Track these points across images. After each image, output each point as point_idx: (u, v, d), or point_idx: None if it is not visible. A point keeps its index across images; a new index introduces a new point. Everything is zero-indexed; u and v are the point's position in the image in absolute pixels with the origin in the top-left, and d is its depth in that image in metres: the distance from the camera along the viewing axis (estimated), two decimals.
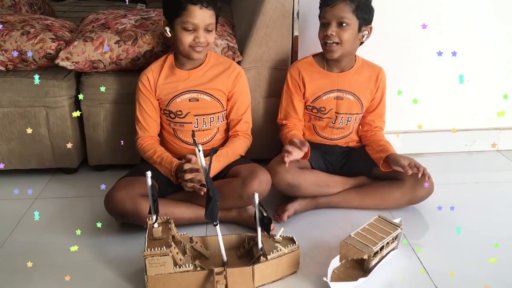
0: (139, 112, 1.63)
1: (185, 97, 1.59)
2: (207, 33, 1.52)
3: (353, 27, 1.58)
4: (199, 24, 1.49)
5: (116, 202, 1.45)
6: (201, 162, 1.19)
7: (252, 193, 1.27)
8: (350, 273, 1.34)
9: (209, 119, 1.62)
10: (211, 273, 1.26)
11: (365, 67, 1.71)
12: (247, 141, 1.68)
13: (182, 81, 1.60)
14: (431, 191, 1.63)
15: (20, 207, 1.70)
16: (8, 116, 1.79)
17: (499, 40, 1.97)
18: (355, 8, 1.55)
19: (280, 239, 1.36)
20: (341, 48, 1.59)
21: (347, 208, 1.66)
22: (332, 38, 1.57)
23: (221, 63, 1.64)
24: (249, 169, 1.53)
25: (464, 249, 1.46)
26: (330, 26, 1.57)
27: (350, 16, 1.56)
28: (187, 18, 1.48)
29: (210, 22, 1.51)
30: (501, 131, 2.13)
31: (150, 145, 1.62)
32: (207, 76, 1.61)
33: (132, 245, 1.46)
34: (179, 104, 1.60)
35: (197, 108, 1.60)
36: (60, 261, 1.42)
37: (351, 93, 1.68)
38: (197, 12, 1.47)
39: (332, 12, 1.56)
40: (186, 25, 1.49)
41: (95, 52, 1.74)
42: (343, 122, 1.71)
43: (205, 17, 1.49)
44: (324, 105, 1.69)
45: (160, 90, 1.60)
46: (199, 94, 1.60)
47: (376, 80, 1.70)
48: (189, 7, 1.47)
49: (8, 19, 1.87)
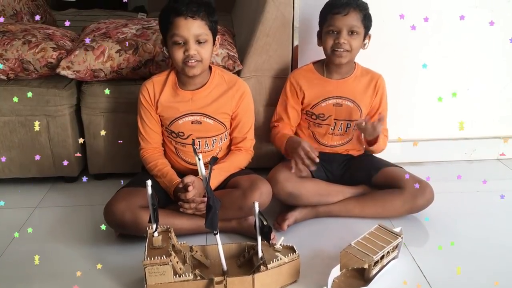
0: (140, 124, 1.61)
1: (187, 119, 1.56)
2: (199, 45, 1.46)
3: (361, 35, 1.61)
4: (187, 36, 1.43)
5: (115, 213, 1.44)
6: (201, 171, 1.19)
7: (252, 205, 1.27)
8: (350, 282, 1.34)
9: (211, 141, 1.60)
10: (211, 282, 1.26)
11: (364, 74, 1.72)
12: (249, 156, 1.67)
13: (185, 102, 1.55)
14: (431, 200, 1.62)
15: (20, 216, 1.69)
16: (9, 124, 1.79)
17: (499, 48, 1.98)
18: (363, 17, 1.59)
19: (280, 248, 1.35)
20: (349, 55, 1.62)
21: (347, 217, 1.66)
22: (344, 46, 1.59)
23: (226, 82, 1.59)
24: (249, 181, 1.52)
25: (464, 258, 1.45)
26: (342, 34, 1.59)
27: (360, 25, 1.59)
28: (174, 31, 1.44)
29: (200, 33, 1.44)
30: (501, 139, 2.13)
31: (152, 156, 1.61)
32: (210, 97, 1.56)
33: (132, 254, 1.45)
34: (181, 126, 1.57)
35: (200, 131, 1.57)
36: (59, 270, 1.42)
37: (350, 100, 1.68)
38: (183, 23, 1.42)
39: (344, 21, 1.58)
40: (174, 38, 1.44)
41: (96, 61, 1.75)
42: (343, 128, 1.71)
43: (192, 28, 1.43)
44: (323, 112, 1.70)
45: (161, 108, 1.57)
46: (202, 117, 1.56)
47: (375, 87, 1.71)
48: (174, 19, 1.43)
49: (10, 28, 1.88)
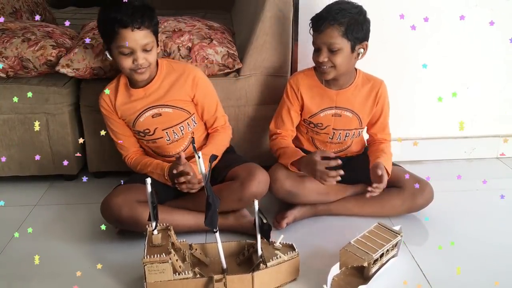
0: (113, 135, 1.61)
1: (147, 114, 1.56)
2: (146, 53, 1.45)
3: (346, 49, 1.50)
4: (135, 47, 1.43)
5: (112, 208, 1.45)
6: (200, 169, 1.19)
7: (251, 195, 1.27)
8: (350, 280, 1.34)
9: (179, 129, 1.59)
10: (210, 280, 1.26)
11: (365, 82, 1.64)
12: (228, 132, 1.67)
13: (140, 99, 1.55)
14: (430, 199, 1.63)
15: (20, 214, 1.70)
16: (8, 122, 1.79)
17: (498, 47, 1.98)
18: (345, 31, 1.47)
19: (280, 246, 1.35)
20: (335, 70, 1.53)
21: (346, 215, 1.66)
22: (325, 64, 1.52)
23: (175, 70, 1.58)
24: (247, 171, 1.52)
25: (464, 256, 1.46)
26: (322, 52, 1.51)
27: (340, 41, 1.48)
28: (121, 43, 1.42)
29: (146, 42, 1.44)
30: (501, 138, 2.13)
31: (137, 160, 1.61)
32: (163, 88, 1.55)
33: (131, 252, 1.45)
34: (144, 123, 1.57)
35: (163, 122, 1.57)
36: (59, 268, 1.42)
37: (350, 110, 1.64)
38: (129, 35, 1.41)
39: (321, 39, 1.50)
40: (121, 49, 1.43)
41: (95, 59, 1.74)
42: (341, 137, 1.68)
43: (139, 39, 1.42)
44: (321, 121, 1.65)
45: (121, 111, 1.57)
46: (160, 108, 1.56)
47: (376, 96, 1.64)
48: (120, 31, 1.40)
49: (9, 26, 1.88)
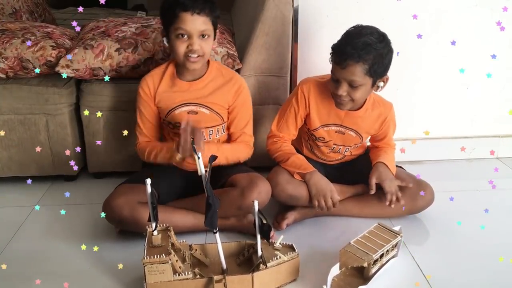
0: (139, 117, 1.61)
1: (183, 109, 1.57)
2: (202, 40, 1.48)
3: (367, 85, 1.46)
4: (192, 31, 1.45)
5: (114, 208, 1.45)
6: (200, 169, 1.19)
7: (251, 204, 1.26)
8: (350, 281, 1.34)
9: (208, 132, 1.60)
10: (210, 281, 1.26)
11: (375, 106, 1.60)
12: (249, 150, 1.65)
13: (182, 92, 1.56)
14: (431, 201, 1.63)
15: (20, 214, 1.69)
16: (8, 123, 1.79)
17: (498, 47, 1.98)
18: (369, 69, 1.41)
19: (280, 247, 1.35)
20: (352, 103, 1.51)
21: (346, 216, 1.66)
22: (343, 98, 1.48)
23: (223, 75, 1.60)
24: (248, 179, 1.51)
25: (463, 256, 1.46)
26: (341, 85, 1.46)
27: (362, 77, 1.43)
28: (180, 25, 1.45)
29: (204, 29, 1.47)
30: (501, 138, 2.13)
31: (145, 144, 1.60)
32: (207, 89, 1.57)
33: (131, 252, 1.45)
34: (178, 116, 1.57)
35: (196, 121, 1.55)
36: (58, 268, 1.42)
37: (355, 131, 1.62)
38: (189, 19, 1.44)
39: (343, 74, 1.44)
40: (179, 32, 1.46)
41: (95, 60, 1.74)
42: (341, 151, 1.68)
43: (198, 24, 1.45)
44: (323, 136, 1.64)
45: (159, 98, 1.58)
46: (198, 107, 1.57)
47: (384, 121, 1.62)
48: (181, 14, 1.44)
49: (9, 27, 1.88)
